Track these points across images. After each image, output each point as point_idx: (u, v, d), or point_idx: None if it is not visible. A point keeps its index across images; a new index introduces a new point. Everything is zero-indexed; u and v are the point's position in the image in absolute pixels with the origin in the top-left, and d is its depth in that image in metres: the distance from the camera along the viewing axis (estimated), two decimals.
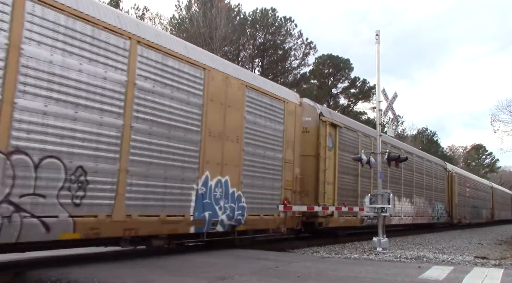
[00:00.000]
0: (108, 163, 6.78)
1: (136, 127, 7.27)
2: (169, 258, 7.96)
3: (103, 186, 6.71)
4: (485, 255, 11.72)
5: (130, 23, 7.45)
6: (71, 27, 6.39)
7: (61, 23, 6.26)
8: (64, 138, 6.19)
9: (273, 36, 40.93)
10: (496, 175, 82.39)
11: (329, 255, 10.09)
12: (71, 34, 6.39)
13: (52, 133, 6.05)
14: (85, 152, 6.45)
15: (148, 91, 7.55)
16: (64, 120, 6.21)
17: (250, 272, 6.56)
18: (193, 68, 8.57)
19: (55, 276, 5.70)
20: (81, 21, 6.53)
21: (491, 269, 7.93)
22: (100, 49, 6.79)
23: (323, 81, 47.09)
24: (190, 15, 36.42)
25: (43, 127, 5.96)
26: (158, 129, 7.67)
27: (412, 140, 55.93)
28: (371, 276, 6.64)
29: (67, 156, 6.21)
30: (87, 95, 6.54)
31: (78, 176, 6.33)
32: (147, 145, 7.47)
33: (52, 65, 6.10)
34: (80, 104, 6.44)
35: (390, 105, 13.42)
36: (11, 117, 5.61)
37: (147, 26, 8.83)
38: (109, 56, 6.90)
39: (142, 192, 7.36)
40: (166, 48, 7.98)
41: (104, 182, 6.73)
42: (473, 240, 18.29)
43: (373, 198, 12.10)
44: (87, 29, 6.61)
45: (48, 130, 6.02)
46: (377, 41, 12.60)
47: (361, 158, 12.44)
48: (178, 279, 6.00)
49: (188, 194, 8.28)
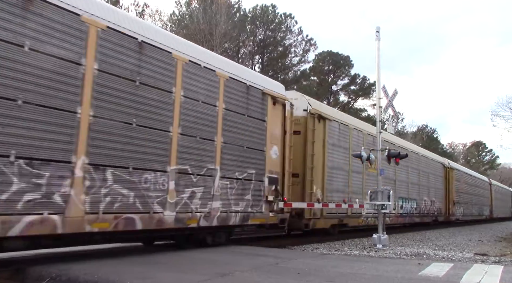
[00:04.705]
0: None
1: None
2: (169, 254, 7.97)
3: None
4: (485, 252, 11.72)
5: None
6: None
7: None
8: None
9: (273, 32, 40.91)
10: (496, 172, 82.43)
11: (329, 252, 10.09)
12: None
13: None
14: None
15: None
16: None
17: (250, 269, 6.56)
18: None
19: (55, 273, 5.71)
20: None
21: (491, 266, 7.93)
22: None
23: (323, 78, 47.10)
24: (190, 11, 36.37)
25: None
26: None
27: (412, 137, 55.94)
28: (371, 272, 6.64)
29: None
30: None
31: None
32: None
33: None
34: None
35: (390, 102, 13.40)
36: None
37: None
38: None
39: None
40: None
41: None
42: (473, 237, 18.30)
43: (373, 194, 12.07)
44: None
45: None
46: (377, 37, 12.55)
47: (361, 155, 12.40)
48: (178, 275, 6.00)
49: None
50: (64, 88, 6.25)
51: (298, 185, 12.45)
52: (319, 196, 12.87)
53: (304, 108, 12.81)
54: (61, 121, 6.21)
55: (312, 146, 12.85)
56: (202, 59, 8.82)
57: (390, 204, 11.85)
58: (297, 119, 12.65)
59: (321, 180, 13.18)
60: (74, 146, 6.35)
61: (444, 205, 25.90)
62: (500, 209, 43.36)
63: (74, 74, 6.40)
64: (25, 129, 5.78)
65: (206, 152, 8.71)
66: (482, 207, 35.83)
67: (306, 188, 12.57)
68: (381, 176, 12.27)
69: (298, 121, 12.68)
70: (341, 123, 14.79)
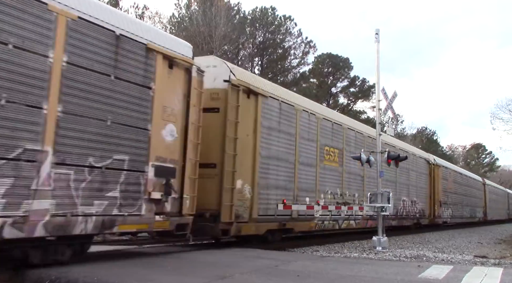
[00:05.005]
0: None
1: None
2: (168, 257, 7.96)
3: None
4: (484, 254, 11.73)
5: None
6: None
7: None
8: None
9: (273, 34, 40.94)
10: (495, 174, 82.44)
11: (329, 254, 10.09)
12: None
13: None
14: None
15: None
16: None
17: (250, 271, 6.56)
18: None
19: (54, 275, 5.70)
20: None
21: (490, 268, 7.92)
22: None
23: (322, 80, 47.11)
24: (190, 13, 36.43)
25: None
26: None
27: (411, 139, 55.95)
28: (370, 275, 6.64)
29: None
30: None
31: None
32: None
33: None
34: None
35: (390, 104, 13.41)
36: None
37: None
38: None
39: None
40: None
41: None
42: (473, 239, 18.31)
43: (373, 197, 12.07)
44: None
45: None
46: (376, 40, 12.58)
47: (361, 158, 12.38)
48: (177, 278, 6.00)
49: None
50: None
51: (215, 179, 9.51)
52: (247, 192, 10.09)
53: (225, 79, 9.80)
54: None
55: (235, 128, 9.80)
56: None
57: (390, 206, 11.87)
58: (215, 92, 9.82)
59: (250, 172, 10.25)
60: None
61: (429, 206, 23.08)
62: (495, 211, 40.55)
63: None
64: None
65: (22, 124, 5.75)
66: (475, 208, 33.19)
67: (224, 182, 9.47)
68: (381, 178, 12.27)
69: (216, 95, 9.83)
70: (284, 102, 11.69)
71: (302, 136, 12.39)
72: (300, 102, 12.96)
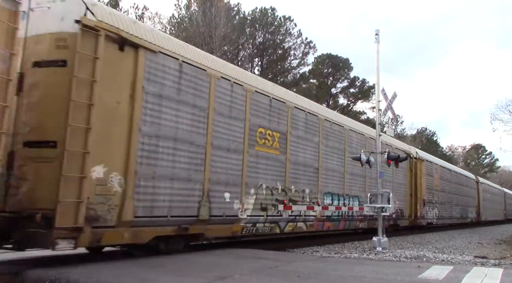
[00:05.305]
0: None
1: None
2: (168, 258, 7.95)
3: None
4: (484, 254, 11.73)
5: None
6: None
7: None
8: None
9: (273, 35, 40.98)
10: (495, 174, 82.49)
11: (329, 255, 10.09)
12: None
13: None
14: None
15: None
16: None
17: (250, 272, 6.55)
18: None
19: (54, 275, 5.68)
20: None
21: (490, 269, 7.92)
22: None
23: (322, 81, 47.15)
24: (190, 14, 36.47)
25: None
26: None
27: (411, 139, 55.98)
28: (370, 275, 6.63)
29: None
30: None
31: None
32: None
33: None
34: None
35: (390, 105, 13.41)
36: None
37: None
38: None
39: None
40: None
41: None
42: (473, 240, 18.31)
43: (373, 197, 12.06)
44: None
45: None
46: (376, 40, 12.59)
47: (361, 158, 12.37)
48: (177, 279, 5.99)
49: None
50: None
51: (54, 163, 6.39)
52: (115, 184, 7.06)
53: (76, 18, 6.71)
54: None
55: (90, 90, 6.70)
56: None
57: (390, 207, 11.85)
58: (61, 37, 6.83)
59: (122, 156, 7.23)
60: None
61: (409, 205, 20.00)
62: (490, 211, 37.46)
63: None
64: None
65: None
66: (467, 208, 30.04)
67: (65, 168, 6.30)
68: (381, 178, 12.25)
69: (63, 41, 6.83)
70: (187, 62, 8.60)
71: (220, 112, 9.36)
72: (217, 66, 9.49)
